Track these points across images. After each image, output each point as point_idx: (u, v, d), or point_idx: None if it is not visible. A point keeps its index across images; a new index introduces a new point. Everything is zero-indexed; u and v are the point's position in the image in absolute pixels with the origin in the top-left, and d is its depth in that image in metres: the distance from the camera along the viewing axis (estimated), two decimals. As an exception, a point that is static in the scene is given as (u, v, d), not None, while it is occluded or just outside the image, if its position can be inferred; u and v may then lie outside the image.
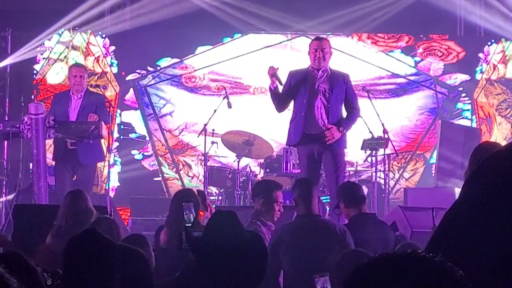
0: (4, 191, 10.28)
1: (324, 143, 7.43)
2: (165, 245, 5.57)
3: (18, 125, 8.06)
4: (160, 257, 5.21)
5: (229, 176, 9.82)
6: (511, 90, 11.97)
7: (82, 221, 5.50)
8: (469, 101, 12.06)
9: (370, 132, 8.72)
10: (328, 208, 7.88)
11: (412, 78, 12.15)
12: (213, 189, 10.34)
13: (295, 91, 7.57)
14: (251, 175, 9.84)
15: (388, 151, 9.20)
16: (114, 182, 11.67)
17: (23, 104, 11.30)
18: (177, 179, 12.05)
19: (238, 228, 2.95)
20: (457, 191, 9.41)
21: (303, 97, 7.51)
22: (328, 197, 8.06)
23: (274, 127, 11.36)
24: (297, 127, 7.53)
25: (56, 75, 11.88)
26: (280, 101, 7.65)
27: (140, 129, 12.09)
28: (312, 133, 7.47)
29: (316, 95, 7.52)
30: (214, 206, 9.61)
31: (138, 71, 12.08)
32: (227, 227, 2.93)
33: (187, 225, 4.64)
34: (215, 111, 9.42)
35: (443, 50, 12.03)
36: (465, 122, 11.95)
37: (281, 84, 7.61)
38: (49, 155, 8.96)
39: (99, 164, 10.06)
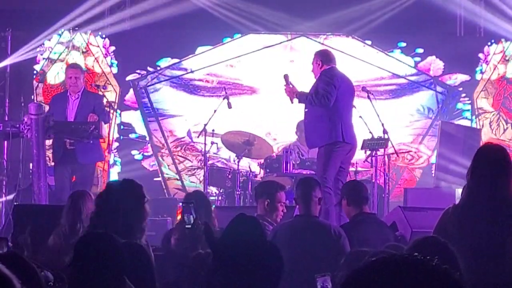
0: (4, 191, 10.28)
1: None
2: (174, 247, 5.57)
3: (18, 125, 8.05)
4: (169, 259, 5.20)
5: (229, 176, 9.81)
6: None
7: (76, 222, 5.48)
8: (469, 101, 12.06)
9: (370, 132, 8.72)
10: None
11: (412, 78, 12.14)
12: (213, 189, 10.34)
13: None
14: (251, 175, 9.84)
15: (388, 151, 9.20)
16: (114, 182, 11.66)
17: (23, 104, 11.30)
18: (177, 179, 12.04)
19: (260, 234, 2.96)
20: (457, 191, 9.41)
21: None
22: None
23: (274, 128, 11.39)
24: None
25: (56, 76, 11.87)
26: None
27: (140, 129, 12.09)
28: None
29: None
30: (214, 206, 9.62)
31: (138, 71, 12.08)
32: (250, 232, 2.93)
33: (186, 226, 4.64)
34: (215, 111, 9.43)
35: (413, 153, 12.04)
36: (465, 122, 11.94)
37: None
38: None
39: (99, 164, 10.07)
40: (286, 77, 7.77)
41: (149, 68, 12.08)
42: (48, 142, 8.73)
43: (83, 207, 5.54)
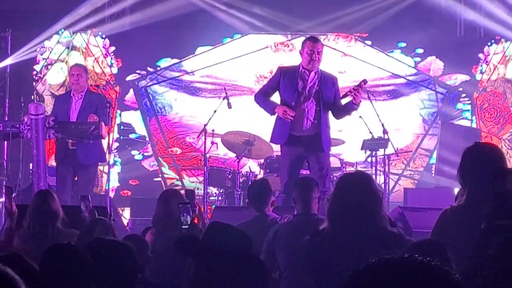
0: (4, 191, 10.27)
1: (309, 146, 7.45)
2: (151, 247, 5.54)
3: (18, 125, 8.06)
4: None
5: (229, 176, 9.81)
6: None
7: (47, 223, 5.45)
8: (469, 101, 12.06)
9: (370, 132, 8.73)
10: None
11: (412, 78, 12.14)
12: (213, 189, 10.33)
13: (284, 89, 7.54)
14: (251, 175, 9.83)
15: (388, 151, 9.19)
16: (114, 183, 11.66)
17: (23, 104, 11.30)
18: (177, 179, 12.05)
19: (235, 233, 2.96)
20: (457, 191, 9.41)
21: (292, 98, 7.48)
22: None
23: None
24: (283, 127, 7.50)
25: (56, 76, 11.87)
26: (266, 97, 7.69)
27: (140, 129, 12.09)
28: (297, 135, 7.48)
29: (306, 97, 7.48)
30: (213, 206, 9.62)
31: (138, 71, 12.08)
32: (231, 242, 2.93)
33: (183, 227, 4.63)
34: (215, 111, 9.42)
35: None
36: (465, 122, 11.95)
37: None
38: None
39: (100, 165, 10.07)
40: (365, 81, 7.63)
41: (149, 68, 12.09)
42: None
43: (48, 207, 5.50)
